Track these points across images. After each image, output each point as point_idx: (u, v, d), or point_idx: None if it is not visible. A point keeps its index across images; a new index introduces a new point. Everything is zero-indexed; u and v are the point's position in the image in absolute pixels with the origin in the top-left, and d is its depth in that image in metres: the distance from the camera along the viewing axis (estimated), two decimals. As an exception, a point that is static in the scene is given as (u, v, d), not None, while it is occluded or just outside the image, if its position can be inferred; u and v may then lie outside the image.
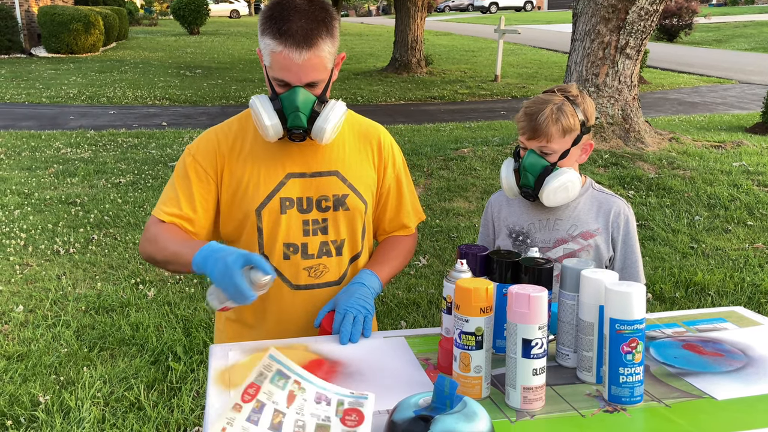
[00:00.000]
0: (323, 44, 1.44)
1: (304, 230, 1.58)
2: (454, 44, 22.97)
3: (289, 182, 1.56)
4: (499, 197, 1.91)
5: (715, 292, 4.17)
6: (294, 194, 1.57)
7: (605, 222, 1.77)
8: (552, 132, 1.67)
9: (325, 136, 1.49)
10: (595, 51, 7.30)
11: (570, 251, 1.77)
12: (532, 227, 1.79)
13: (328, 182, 1.59)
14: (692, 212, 5.58)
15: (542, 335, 1.18)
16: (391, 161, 1.69)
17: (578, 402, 1.23)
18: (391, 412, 1.07)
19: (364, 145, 1.66)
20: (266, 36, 1.44)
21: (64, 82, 13.32)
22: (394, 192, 1.71)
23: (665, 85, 14.59)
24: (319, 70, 1.45)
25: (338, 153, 1.61)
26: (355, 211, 1.61)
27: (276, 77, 1.46)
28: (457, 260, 1.35)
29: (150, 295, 4.04)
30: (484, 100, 12.92)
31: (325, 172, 1.59)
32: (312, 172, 1.58)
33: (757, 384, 1.28)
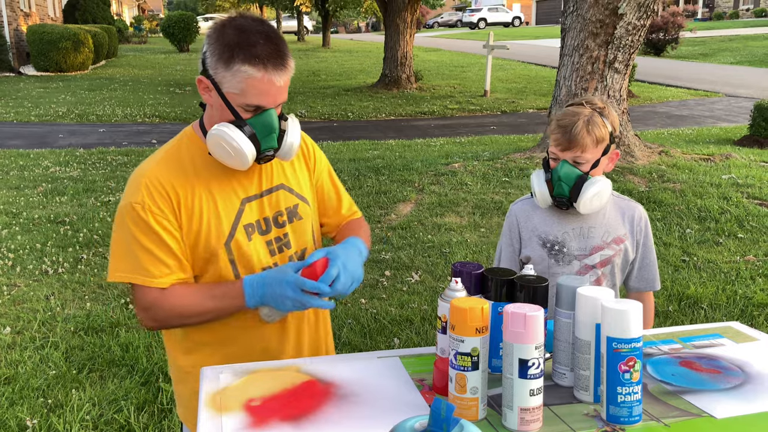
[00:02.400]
0: (291, 61, 1.45)
1: (270, 251, 1.56)
2: (444, 60, 23.10)
3: (246, 207, 1.53)
4: (524, 206, 1.93)
5: (708, 305, 4.16)
6: (253, 218, 1.54)
7: (630, 226, 1.88)
8: (587, 142, 1.74)
9: (292, 154, 1.50)
10: (584, 66, 7.35)
11: (606, 257, 1.85)
12: (566, 236, 1.84)
13: (278, 197, 1.59)
14: (683, 225, 5.59)
15: (539, 355, 1.16)
16: (318, 156, 1.72)
17: (576, 422, 1.21)
18: (387, 437, 1.05)
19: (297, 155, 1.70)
20: (237, 63, 1.38)
21: (53, 100, 13.28)
22: (330, 186, 1.75)
23: (653, 98, 14.71)
24: (286, 89, 1.47)
25: (276, 165, 1.61)
26: (306, 217, 1.64)
27: (249, 103, 1.41)
28: (451, 278, 1.34)
29: (140, 314, 3.99)
30: (474, 115, 12.98)
31: (273, 188, 1.58)
32: (262, 191, 1.57)
33: (756, 401, 1.26)
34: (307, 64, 22.07)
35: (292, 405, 1.25)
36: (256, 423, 1.19)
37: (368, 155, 8.44)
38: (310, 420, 1.20)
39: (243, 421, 1.19)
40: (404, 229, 5.53)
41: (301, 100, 14.19)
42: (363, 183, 6.85)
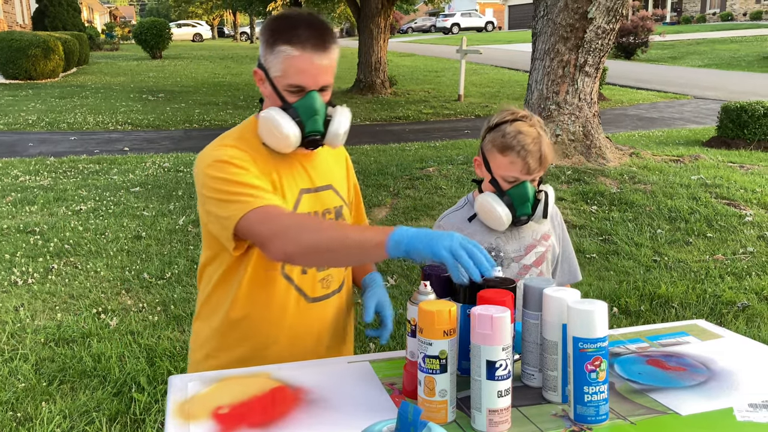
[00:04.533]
0: (335, 49, 1.50)
1: None
2: (418, 65, 23.19)
3: (303, 198, 1.59)
4: (453, 222, 1.87)
5: (679, 304, 4.22)
6: (307, 209, 1.60)
7: (551, 222, 1.91)
8: (551, 160, 1.75)
9: (339, 140, 1.55)
10: (555, 69, 7.43)
11: (540, 254, 1.86)
12: (500, 241, 1.83)
13: (327, 196, 1.65)
14: (654, 226, 5.67)
15: (506, 356, 1.17)
16: (353, 172, 1.83)
17: (544, 423, 1.22)
18: (355, 441, 1.05)
19: (339, 159, 1.76)
20: (279, 44, 1.47)
21: (23, 108, 13.07)
22: (356, 199, 1.85)
23: (624, 101, 14.91)
24: (330, 74, 1.51)
25: (328, 167, 1.68)
26: (348, 221, 1.71)
27: (291, 83, 1.47)
28: (421, 282, 1.34)
29: (112, 324, 3.94)
30: (448, 119, 13.04)
31: (324, 186, 1.65)
32: (316, 187, 1.63)
33: (719, 398, 1.28)
34: (282, 69, 21.99)
35: (261, 411, 1.24)
36: (224, 431, 1.18)
37: (343, 160, 8.43)
38: (279, 426, 1.20)
39: (211, 429, 1.18)
40: (379, 234, 5.52)
41: (275, 106, 14.14)
42: (338, 188, 6.84)
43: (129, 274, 4.75)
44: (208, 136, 11.52)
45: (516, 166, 1.69)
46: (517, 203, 1.72)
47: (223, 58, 27.03)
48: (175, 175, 7.66)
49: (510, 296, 1.27)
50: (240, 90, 16.65)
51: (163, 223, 5.85)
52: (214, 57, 27.06)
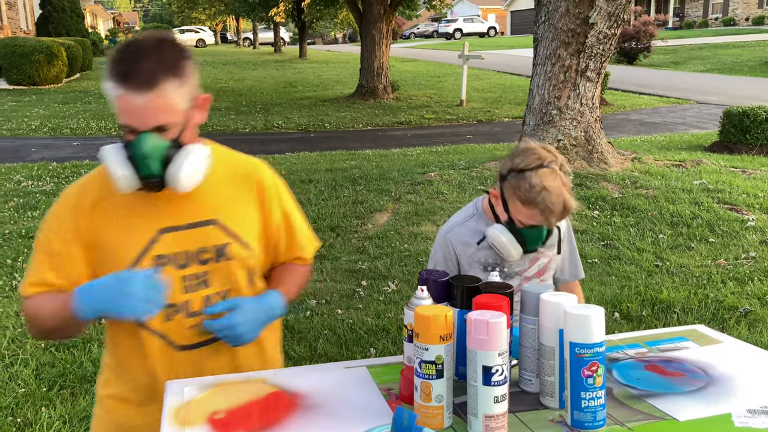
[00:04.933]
0: (167, 85, 1.33)
1: (185, 287, 1.46)
2: (420, 70, 23.23)
3: (162, 238, 1.44)
4: (459, 235, 1.84)
5: (681, 309, 4.21)
6: (169, 250, 1.45)
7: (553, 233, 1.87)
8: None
9: (180, 183, 1.36)
10: (557, 74, 7.43)
11: (542, 265, 1.87)
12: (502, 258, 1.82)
13: (206, 232, 1.47)
14: (656, 231, 5.66)
15: (502, 362, 1.17)
16: (276, 199, 1.58)
17: (541, 428, 1.21)
18: (350, 447, 1.04)
19: (244, 187, 1.54)
20: (108, 80, 1.34)
21: (26, 114, 13.12)
22: (283, 230, 1.60)
23: (626, 106, 14.91)
24: (166, 113, 1.34)
25: (215, 199, 1.49)
26: (237, 259, 1.50)
27: (122, 123, 1.35)
28: (417, 287, 1.34)
29: (113, 329, 3.94)
30: (450, 124, 13.05)
31: (202, 221, 1.47)
32: (187, 224, 1.46)
33: (717, 403, 1.28)
34: (284, 75, 22.06)
35: (257, 417, 1.24)
36: (219, 436, 1.17)
37: (345, 165, 8.45)
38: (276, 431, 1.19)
39: (206, 435, 1.18)
40: (381, 239, 5.53)
41: (277, 111, 14.17)
42: (340, 193, 6.85)
43: (130, 279, 4.75)
44: (210, 142, 11.61)
45: (537, 218, 1.66)
46: (530, 242, 1.70)
47: (225, 63, 27.11)
48: (177, 181, 7.67)
49: (506, 301, 1.26)
50: (242, 95, 16.69)
51: (165, 228, 5.85)
52: (216, 63, 27.14)
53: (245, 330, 1.43)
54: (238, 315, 1.43)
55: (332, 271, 4.88)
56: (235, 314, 1.43)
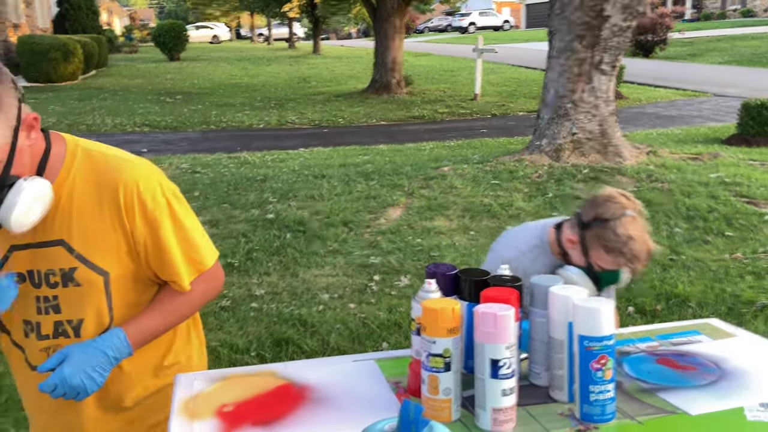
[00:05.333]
0: None
1: (37, 307, 1.36)
2: (434, 64, 23.16)
3: (13, 255, 1.34)
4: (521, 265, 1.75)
5: (696, 303, 4.17)
6: (22, 267, 1.34)
7: None
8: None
9: (13, 225, 1.22)
10: (571, 68, 7.37)
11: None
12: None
13: (53, 254, 1.33)
14: (671, 224, 5.61)
15: (510, 355, 1.16)
16: (139, 211, 1.34)
17: (550, 422, 1.20)
18: (356, 440, 1.04)
19: (100, 200, 1.33)
20: None
21: (43, 111, 13.24)
22: (151, 247, 1.37)
23: (642, 99, 14.77)
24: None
25: (68, 215, 1.32)
26: (88, 286, 1.34)
27: None
28: (425, 280, 1.33)
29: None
30: (464, 118, 13.00)
31: (49, 241, 1.32)
32: (38, 242, 1.32)
33: (730, 398, 1.26)
34: (298, 70, 22.09)
35: (265, 409, 1.24)
36: (227, 429, 1.18)
37: (358, 160, 8.45)
38: (283, 424, 1.19)
39: (215, 428, 1.18)
40: (393, 234, 5.52)
41: (291, 107, 14.19)
42: (353, 188, 6.85)
43: (145, 274, 4.78)
44: (225, 138, 11.53)
45: (621, 266, 1.65)
46: (605, 283, 1.69)
47: (240, 59, 27.19)
48: (192, 176, 7.71)
49: (515, 294, 1.25)
50: (257, 91, 16.73)
51: (179, 224, 5.88)
52: (231, 59, 27.23)
53: (78, 382, 1.28)
54: (65, 368, 1.28)
55: (345, 266, 4.88)
56: (61, 368, 1.28)
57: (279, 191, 6.83)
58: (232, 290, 4.50)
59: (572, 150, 7.46)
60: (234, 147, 9.77)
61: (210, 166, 8.23)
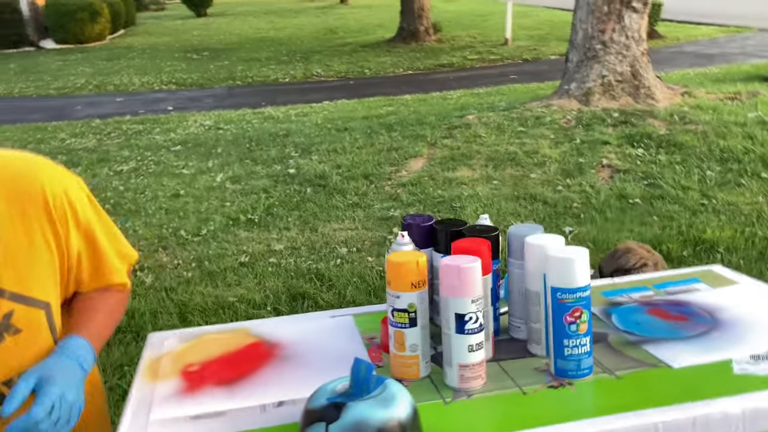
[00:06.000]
0: None
1: None
2: (464, 9, 22.55)
3: None
4: None
5: (725, 248, 4.02)
6: None
7: None
8: None
9: None
10: (600, 6, 7.07)
11: None
12: None
13: None
14: (703, 168, 5.40)
15: (476, 309, 1.10)
16: (72, 217, 1.14)
17: (524, 378, 1.15)
18: (308, 399, 1.00)
19: (21, 214, 1.07)
20: None
21: (72, 72, 13.35)
22: (86, 253, 1.18)
23: (681, 38, 14.17)
24: None
25: None
26: (30, 329, 1.10)
27: None
28: (399, 232, 1.27)
29: (147, 281, 4.02)
30: (494, 65, 12.67)
31: None
32: None
33: (718, 350, 1.18)
34: (325, 22, 21.75)
35: (230, 368, 1.21)
36: (188, 389, 1.15)
37: (382, 111, 8.32)
38: (245, 383, 1.16)
39: (176, 388, 1.16)
40: (414, 186, 5.44)
41: (317, 59, 14.01)
42: (375, 140, 6.76)
43: (166, 231, 4.82)
44: (250, 93, 11.48)
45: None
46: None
47: (266, 12, 26.89)
48: (216, 133, 7.71)
49: (487, 245, 1.18)
50: (283, 45, 16.56)
51: (201, 181, 5.90)
52: (257, 12, 26.95)
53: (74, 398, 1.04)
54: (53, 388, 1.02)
55: (364, 219, 4.84)
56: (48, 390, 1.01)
57: (301, 146, 6.78)
58: (251, 246, 4.51)
59: (602, 93, 7.21)
60: (259, 102, 9.71)
61: (233, 122, 8.21)
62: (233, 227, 4.86)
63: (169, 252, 4.50)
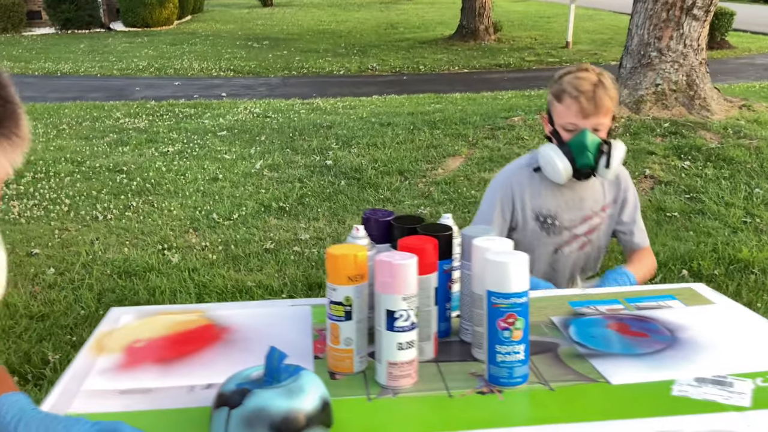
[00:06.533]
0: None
1: None
2: (530, 11, 22.22)
3: None
4: (520, 179, 1.86)
5: (761, 270, 3.85)
6: None
7: (616, 191, 1.89)
8: (609, 106, 1.73)
9: None
10: (659, 12, 6.84)
11: (594, 225, 1.88)
12: (559, 209, 1.84)
13: None
14: (752, 185, 5.17)
15: (408, 307, 1.08)
16: None
17: (457, 381, 1.13)
18: (223, 383, 1.01)
19: None
20: None
21: (136, 55, 13.77)
22: None
23: (753, 49, 13.61)
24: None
25: None
26: None
27: None
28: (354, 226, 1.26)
29: (174, 260, 4.12)
30: (552, 67, 12.43)
31: None
32: None
33: (665, 369, 1.13)
34: (387, 16, 21.79)
35: (173, 348, 1.23)
36: (126, 364, 1.18)
37: (429, 109, 8.28)
38: (183, 363, 1.18)
39: (114, 362, 1.19)
40: (448, 184, 5.40)
41: (374, 53, 14.05)
42: (416, 137, 6.73)
43: (199, 213, 4.93)
44: (304, 84, 11.59)
45: (571, 110, 1.70)
46: (576, 152, 1.70)
47: (330, 5, 27.12)
48: (263, 121, 7.82)
49: (433, 243, 1.17)
50: (342, 37, 16.67)
51: (241, 167, 6.00)
52: (322, 4, 27.20)
53: None
54: None
55: (392, 214, 4.83)
56: None
57: (342, 138, 6.82)
58: (279, 233, 4.56)
59: (654, 102, 6.99)
60: (310, 93, 9.81)
61: (281, 111, 8.31)
62: (264, 214, 4.93)
63: (199, 234, 4.60)
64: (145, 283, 3.82)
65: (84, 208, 5.04)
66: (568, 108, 1.69)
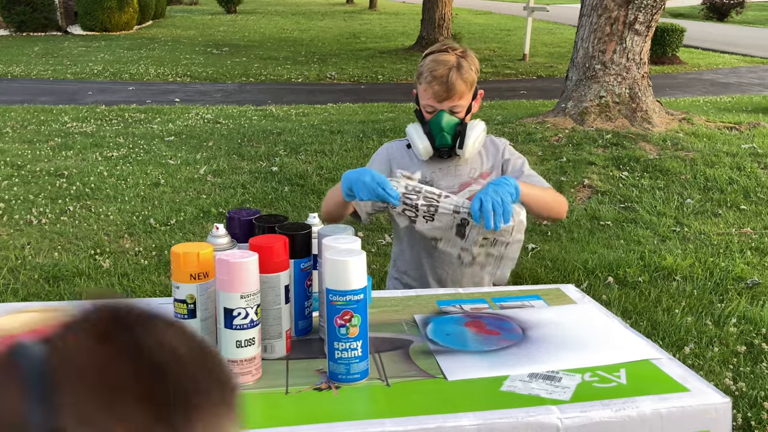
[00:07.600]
0: None
1: None
2: (491, 23, 22.53)
3: None
4: (399, 147, 1.94)
5: (682, 277, 3.96)
6: None
7: (494, 159, 1.92)
8: (463, 89, 1.76)
9: None
10: (602, 27, 7.01)
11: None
12: (435, 175, 1.88)
13: None
14: (684, 195, 5.32)
15: (247, 305, 1.10)
16: None
17: (300, 378, 1.14)
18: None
19: None
20: None
21: (92, 59, 13.58)
22: None
23: (701, 65, 13.98)
24: None
25: None
26: None
27: None
28: (214, 224, 1.28)
29: (104, 266, 4.07)
30: (508, 79, 12.62)
31: None
32: None
33: (504, 366, 1.17)
34: (350, 26, 21.87)
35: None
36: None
37: (381, 117, 8.33)
38: None
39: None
40: (390, 191, 5.43)
41: (333, 62, 14.09)
42: (364, 144, 6.77)
43: (136, 218, 4.88)
44: (260, 90, 11.53)
45: (427, 93, 1.76)
46: (434, 132, 1.78)
47: (294, 13, 27.12)
48: (213, 127, 7.78)
49: (283, 241, 1.18)
50: (303, 45, 16.68)
51: (185, 172, 5.96)
52: (286, 12, 27.19)
53: None
54: None
55: (331, 221, 4.85)
56: None
57: (291, 144, 6.82)
58: (216, 239, 4.53)
59: (598, 114, 7.14)
60: (265, 100, 9.78)
61: (233, 118, 8.28)
62: (202, 219, 4.90)
63: (134, 239, 4.56)
64: (72, 288, 3.77)
65: (18, 212, 4.95)
66: (425, 91, 1.76)
